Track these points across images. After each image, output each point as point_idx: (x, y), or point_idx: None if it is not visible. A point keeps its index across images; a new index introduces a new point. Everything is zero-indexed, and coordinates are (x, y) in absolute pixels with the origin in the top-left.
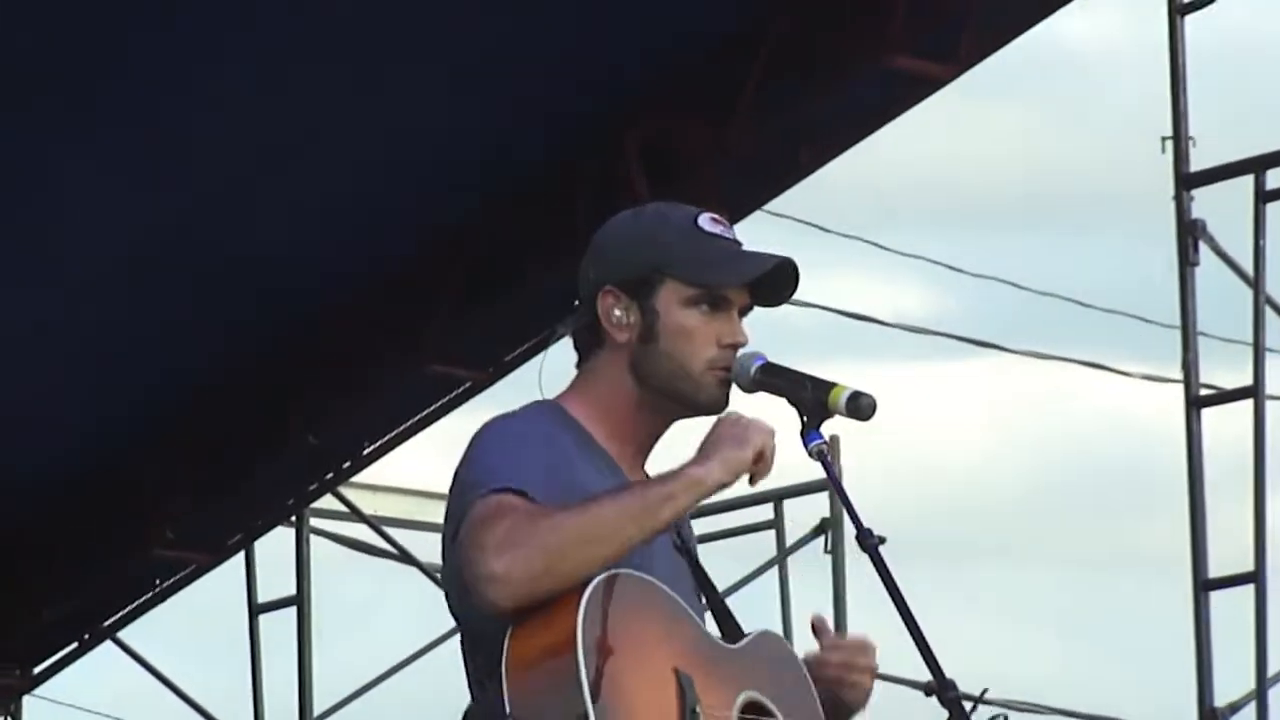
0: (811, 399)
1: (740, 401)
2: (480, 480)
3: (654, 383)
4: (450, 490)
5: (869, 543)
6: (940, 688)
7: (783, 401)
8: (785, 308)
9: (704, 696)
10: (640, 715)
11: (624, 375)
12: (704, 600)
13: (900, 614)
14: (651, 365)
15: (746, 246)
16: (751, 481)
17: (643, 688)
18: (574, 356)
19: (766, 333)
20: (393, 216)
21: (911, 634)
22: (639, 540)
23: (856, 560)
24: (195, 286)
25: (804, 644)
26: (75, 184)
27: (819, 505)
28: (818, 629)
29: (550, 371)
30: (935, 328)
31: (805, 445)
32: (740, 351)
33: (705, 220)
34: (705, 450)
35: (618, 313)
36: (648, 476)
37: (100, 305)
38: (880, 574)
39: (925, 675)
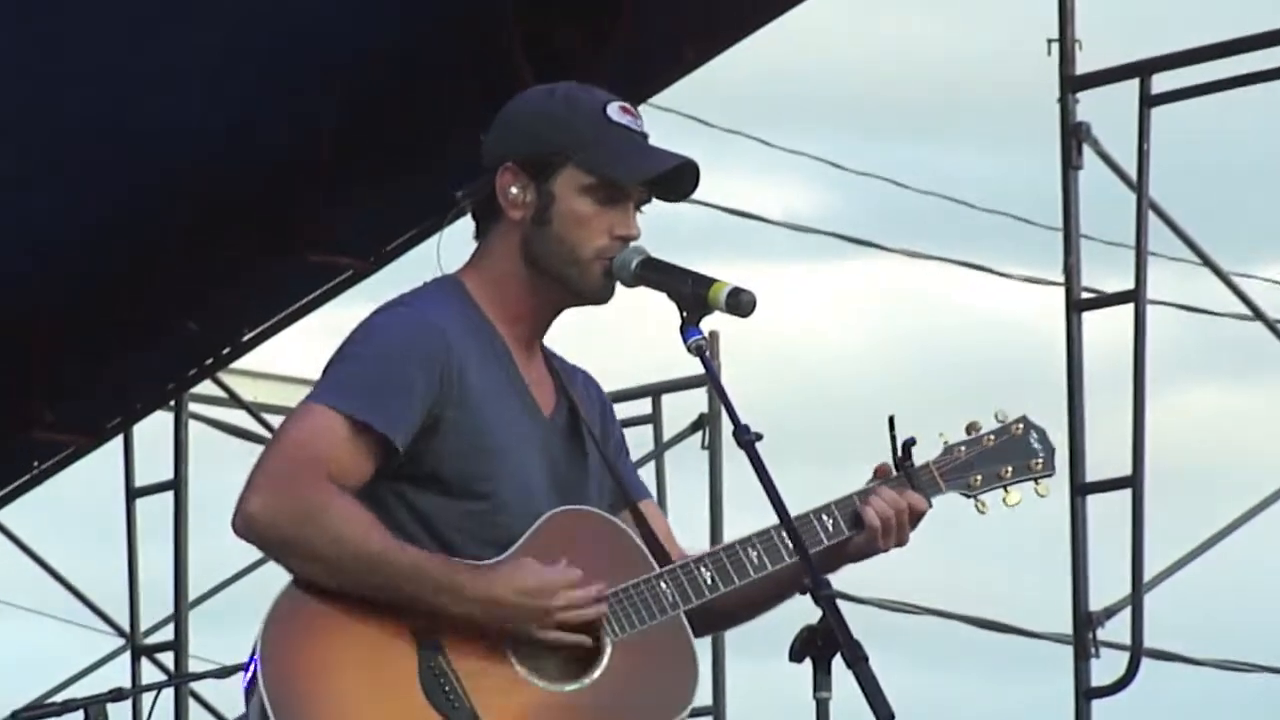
0: (691, 294)
1: (621, 295)
2: (328, 382)
3: (542, 264)
4: None
5: (745, 439)
6: (814, 585)
7: (663, 296)
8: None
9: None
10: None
11: (515, 254)
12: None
13: (775, 511)
14: (541, 247)
15: (650, 141)
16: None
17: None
18: (469, 234)
19: (649, 227)
20: (276, 103)
21: (787, 531)
22: (368, 594)
23: (733, 456)
24: (77, 168)
25: (681, 539)
26: None
27: (697, 400)
28: (880, 473)
29: (446, 247)
30: (817, 226)
31: (684, 340)
32: (626, 246)
33: (614, 109)
34: (504, 585)
35: (515, 190)
36: (547, 361)
37: None
38: (756, 470)
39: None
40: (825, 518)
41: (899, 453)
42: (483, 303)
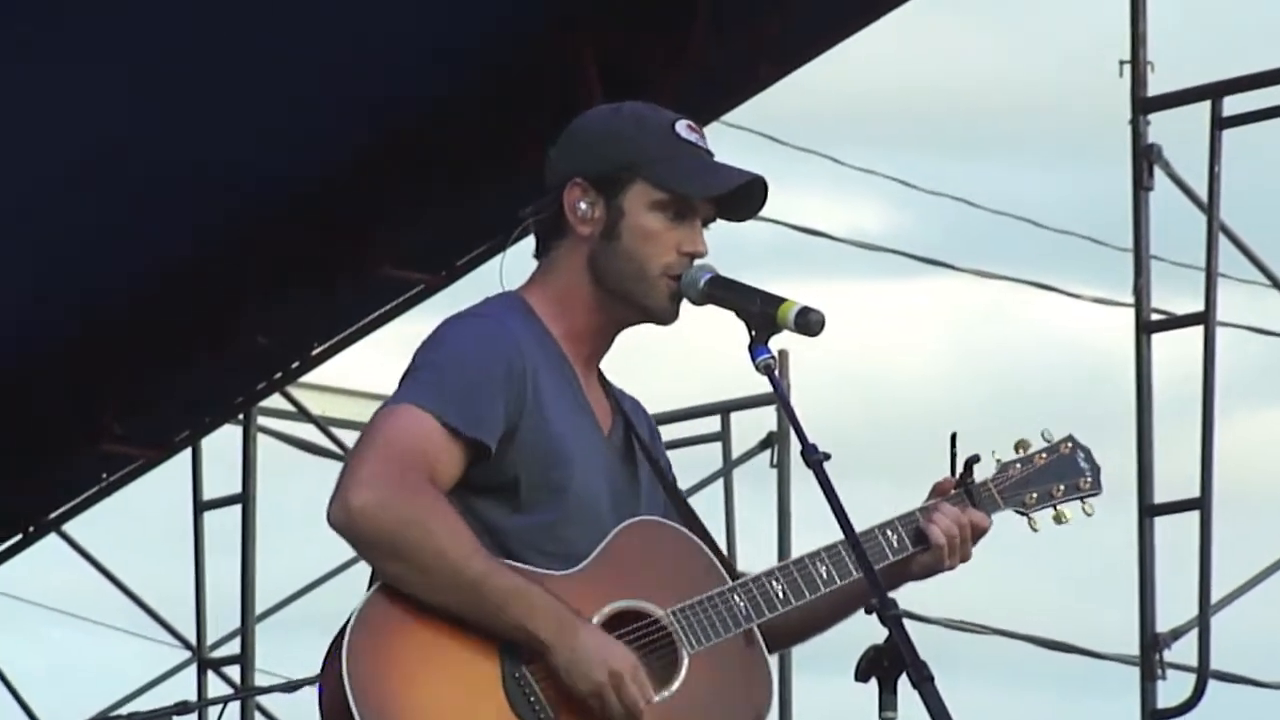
0: (760, 313)
1: (689, 314)
2: (415, 385)
3: (609, 282)
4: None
5: (813, 458)
6: (881, 605)
7: (731, 315)
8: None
9: None
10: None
11: (581, 271)
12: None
13: (842, 530)
14: (609, 263)
15: (716, 159)
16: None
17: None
18: (531, 252)
19: (718, 245)
20: (351, 118)
21: (854, 550)
22: (454, 610)
23: (802, 475)
24: (150, 183)
25: (748, 559)
26: (16, 92)
27: (766, 419)
28: (941, 489)
29: (510, 266)
30: (887, 245)
31: (753, 359)
32: (693, 264)
33: (682, 127)
34: (580, 648)
35: (584, 206)
36: (602, 378)
37: (52, 204)
38: (823, 489)
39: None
40: (890, 533)
41: (961, 469)
42: (547, 319)
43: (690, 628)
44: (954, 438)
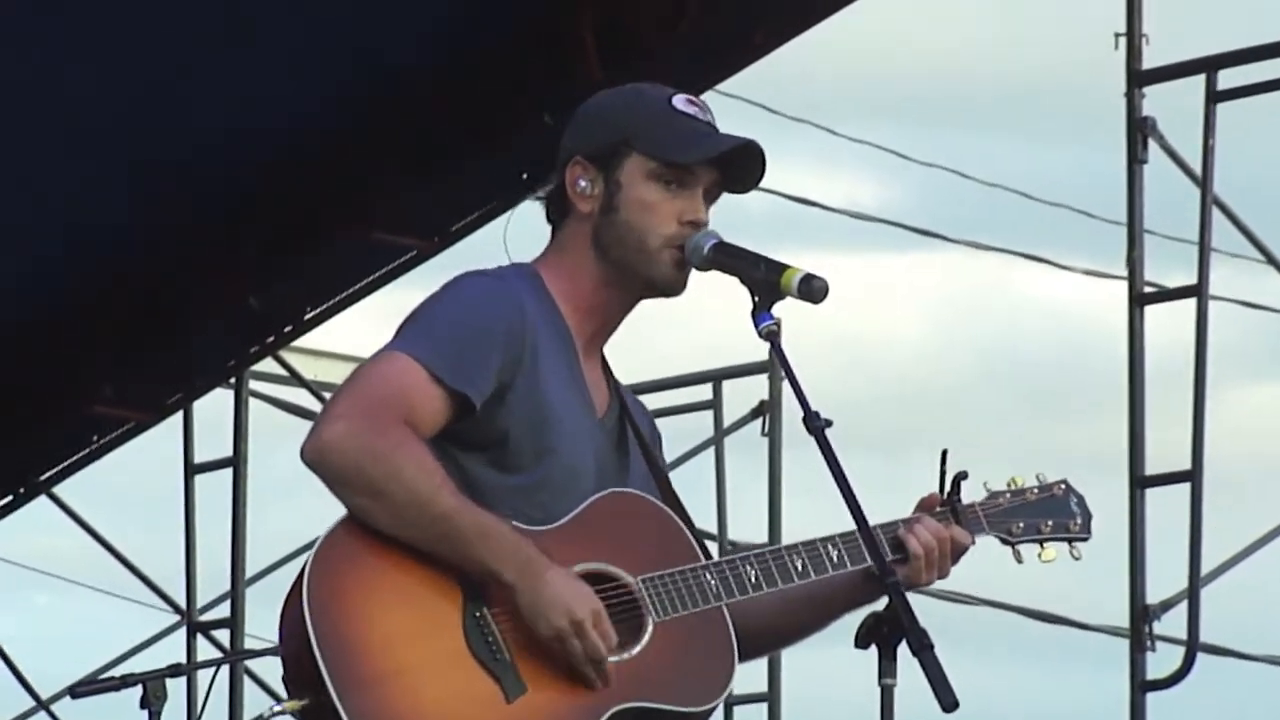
0: (764, 279)
1: (693, 279)
2: (411, 333)
3: (613, 255)
4: None
5: (815, 425)
6: (881, 572)
7: (727, 282)
8: None
9: None
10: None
11: (586, 247)
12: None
13: (844, 498)
14: (611, 236)
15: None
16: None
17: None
18: (535, 223)
19: (712, 215)
20: (344, 83)
21: (855, 518)
22: (420, 545)
23: (793, 443)
24: (142, 143)
25: (739, 525)
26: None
27: (758, 387)
28: (927, 504)
29: (512, 236)
30: (880, 216)
31: (756, 326)
32: (697, 231)
33: (680, 100)
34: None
35: (583, 183)
36: (605, 365)
37: (46, 165)
38: (825, 457)
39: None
40: (831, 548)
41: (948, 487)
42: (555, 294)
43: (658, 596)
44: (944, 455)
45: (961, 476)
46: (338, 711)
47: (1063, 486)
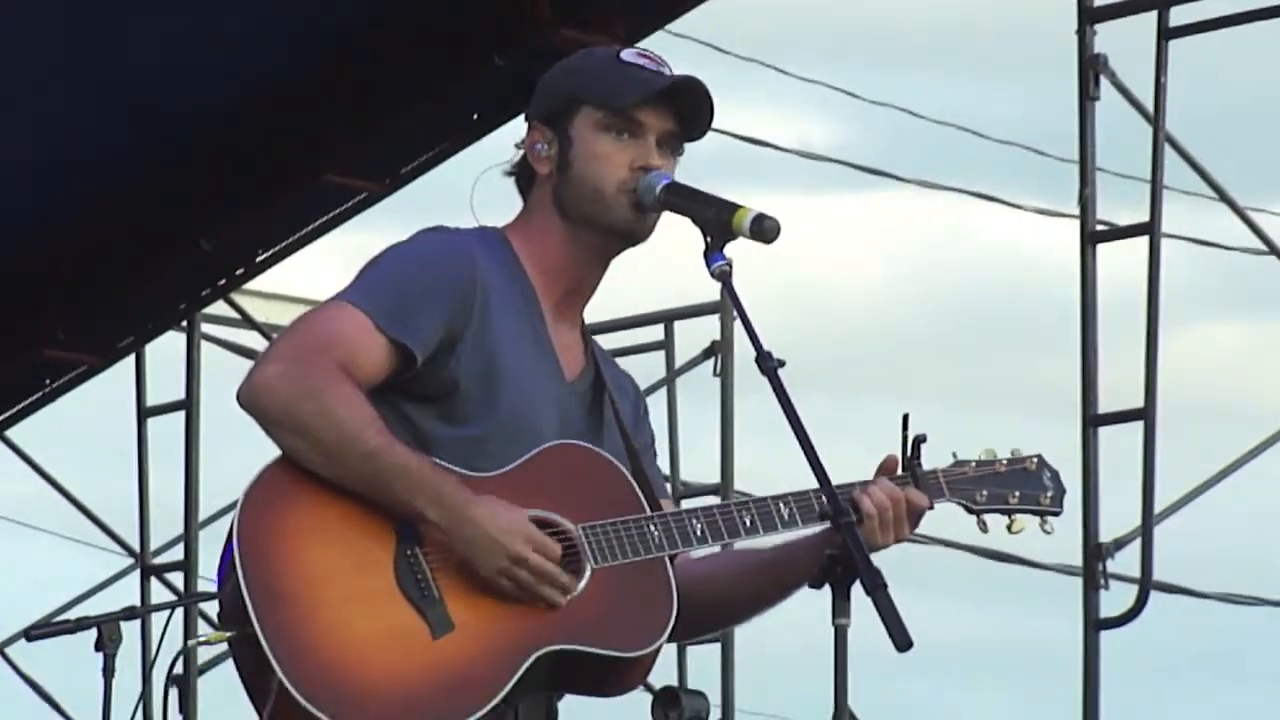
0: (716, 219)
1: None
2: (358, 283)
3: (573, 212)
4: None
5: (768, 365)
6: (835, 512)
7: (679, 223)
8: None
9: None
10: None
11: (550, 208)
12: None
13: (797, 438)
14: (569, 192)
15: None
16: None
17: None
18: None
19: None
20: (295, 26)
21: (808, 458)
22: (349, 485)
23: (744, 384)
24: (90, 87)
25: (691, 469)
26: None
27: (709, 328)
28: (887, 468)
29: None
30: (832, 155)
31: (708, 266)
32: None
33: (629, 53)
34: (483, 527)
35: (540, 145)
36: (585, 334)
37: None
38: (778, 397)
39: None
40: (783, 506)
41: (908, 450)
42: (523, 257)
43: (598, 544)
44: (906, 419)
45: (921, 439)
46: (262, 645)
47: (1035, 460)
